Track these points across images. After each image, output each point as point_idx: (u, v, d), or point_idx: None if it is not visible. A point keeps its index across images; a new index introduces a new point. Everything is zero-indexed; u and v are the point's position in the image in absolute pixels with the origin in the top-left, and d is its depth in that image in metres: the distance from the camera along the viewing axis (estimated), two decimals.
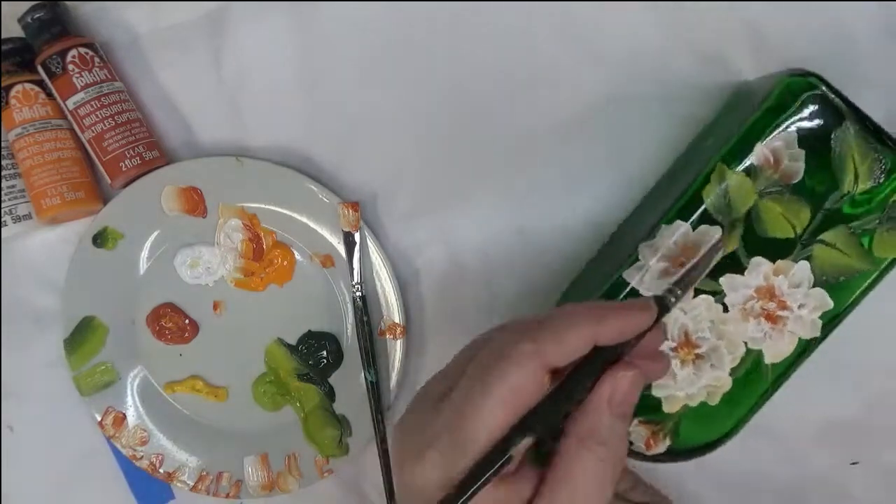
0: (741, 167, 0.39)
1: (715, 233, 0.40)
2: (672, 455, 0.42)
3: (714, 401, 0.42)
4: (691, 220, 0.40)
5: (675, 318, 0.40)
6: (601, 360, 0.29)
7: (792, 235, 0.40)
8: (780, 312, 0.41)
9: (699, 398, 0.42)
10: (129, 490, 0.54)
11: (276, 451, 0.51)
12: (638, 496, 0.45)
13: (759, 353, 0.41)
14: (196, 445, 0.52)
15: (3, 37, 0.49)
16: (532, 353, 0.28)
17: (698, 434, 0.42)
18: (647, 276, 0.40)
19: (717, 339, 0.41)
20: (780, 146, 0.39)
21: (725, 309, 0.41)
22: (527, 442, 0.27)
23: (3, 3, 0.50)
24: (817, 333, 0.41)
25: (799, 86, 0.39)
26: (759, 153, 0.39)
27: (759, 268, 0.40)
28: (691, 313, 0.40)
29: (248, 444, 0.52)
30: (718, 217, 0.40)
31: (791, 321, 0.41)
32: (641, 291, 0.40)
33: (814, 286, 0.41)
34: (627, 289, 0.40)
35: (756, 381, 0.41)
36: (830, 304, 0.41)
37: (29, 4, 0.48)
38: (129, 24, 0.51)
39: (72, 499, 0.54)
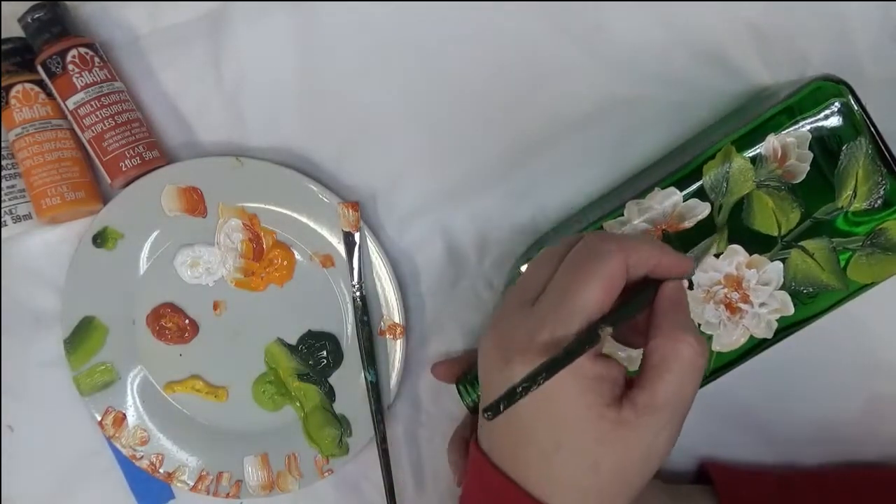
0: (749, 153, 0.39)
1: (704, 209, 0.40)
2: None
3: None
4: (686, 191, 0.40)
5: None
6: (651, 286, 0.34)
7: (775, 233, 0.40)
8: (741, 304, 0.41)
9: (637, 365, 0.42)
10: (129, 490, 0.54)
11: (276, 451, 0.51)
12: None
13: (710, 339, 0.41)
14: (196, 445, 0.52)
15: (3, 37, 0.49)
16: (619, 251, 0.32)
17: None
18: (626, 232, 0.40)
19: None
20: (791, 143, 0.39)
21: (690, 286, 0.41)
22: (608, 331, 0.30)
23: (3, 3, 0.50)
24: (769, 335, 0.41)
25: (827, 90, 0.39)
26: (769, 144, 0.39)
27: (735, 256, 0.41)
28: None
29: (248, 444, 0.52)
30: (711, 195, 0.40)
31: (748, 316, 0.41)
32: None
33: (781, 289, 0.41)
34: None
35: None
36: (791, 311, 0.41)
37: (29, 4, 0.48)
38: (129, 24, 0.51)
39: (72, 499, 0.54)
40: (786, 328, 0.41)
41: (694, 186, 0.40)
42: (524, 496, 0.32)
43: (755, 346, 0.42)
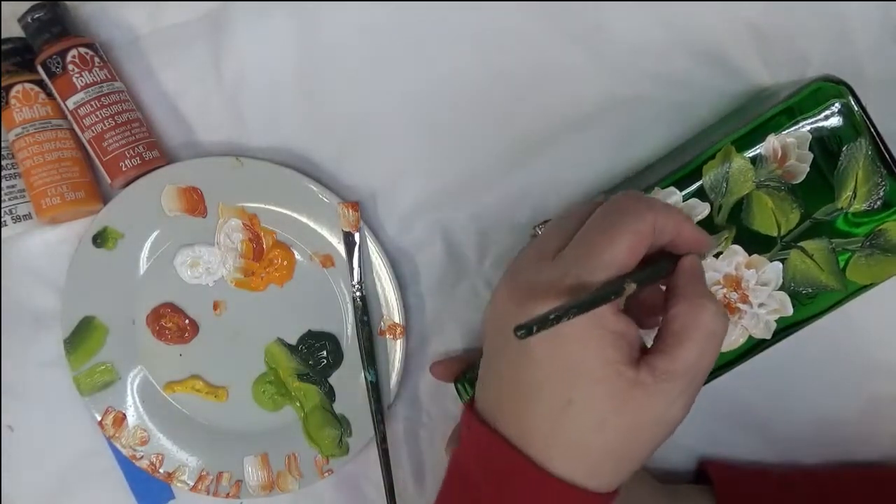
0: (749, 153, 0.39)
1: (703, 209, 0.40)
2: None
3: None
4: (685, 191, 0.40)
5: None
6: (669, 259, 0.34)
7: (775, 234, 0.40)
8: (740, 305, 0.41)
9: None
10: (129, 490, 0.54)
11: (276, 451, 0.51)
12: None
13: None
14: (196, 445, 0.52)
15: (3, 37, 0.49)
16: (648, 210, 0.32)
17: None
18: None
19: None
20: (791, 143, 0.39)
21: None
22: (633, 287, 0.30)
23: (3, 3, 0.50)
24: (768, 336, 0.41)
25: (828, 90, 0.39)
26: (769, 144, 0.39)
27: (735, 257, 0.41)
28: None
29: (248, 444, 0.52)
30: (711, 195, 0.40)
31: (747, 317, 0.41)
32: None
33: (780, 289, 0.41)
34: None
35: None
36: (790, 311, 0.41)
37: (29, 4, 0.48)
38: (129, 24, 0.51)
39: (72, 499, 0.54)
40: (785, 329, 0.41)
41: (694, 186, 0.40)
42: (525, 462, 0.31)
43: (754, 347, 0.42)
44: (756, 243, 0.40)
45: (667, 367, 0.30)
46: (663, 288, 0.35)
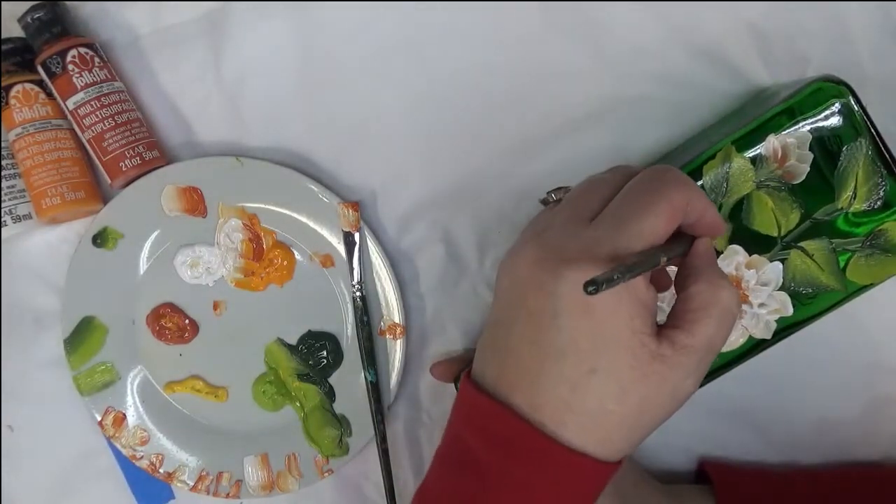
0: (749, 154, 0.39)
1: None
2: None
3: None
4: None
5: None
6: (684, 239, 0.34)
7: (775, 234, 0.40)
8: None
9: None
10: (129, 490, 0.54)
11: (276, 451, 0.51)
12: None
13: None
14: (196, 445, 0.52)
15: (3, 37, 0.49)
16: (686, 186, 0.32)
17: None
18: None
19: None
20: (791, 143, 0.39)
21: None
22: (665, 260, 0.30)
23: (3, 3, 0.50)
24: (768, 336, 0.41)
25: (828, 90, 0.39)
26: (769, 144, 0.39)
27: (735, 257, 0.41)
28: None
29: (248, 444, 0.52)
30: (712, 196, 0.40)
31: (748, 317, 0.41)
32: None
33: (780, 289, 0.41)
34: None
35: None
36: (791, 311, 0.41)
37: (29, 4, 0.48)
38: (129, 25, 0.51)
39: (72, 499, 0.54)
40: (785, 329, 0.41)
41: None
42: (532, 430, 0.31)
43: (754, 347, 0.42)
44: (756, 243, 0.40)
45: (686, 341, 0.31)
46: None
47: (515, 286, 0.33)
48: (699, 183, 0.40)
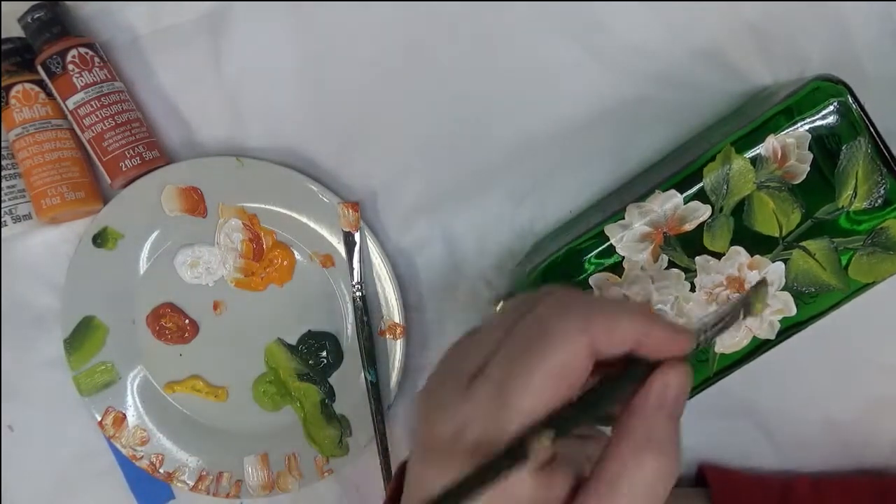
0: (749, 154, 0.39)
1: (705, 211, 0.40)
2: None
3: None
4: (686, 193, 0.40)
5: (643, 285, 0.40)
6: (637, 368, 0.27)
7: (777, 234, 0.40)
8: None
9: None
10: (129, 490, 0.54)
11: (276, 451, 0.51)
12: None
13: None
14: (196, 445, 0.52)
15: (3, 37, 0.49)
16: (582, 332, 0.25)
17: None
18: (627, 236, 0.40)
19: (677, 314, 0.41)
20: (791, 143, 0.39)
21: (693, 288, 0.41)
22: (548, 439, 0.24)
23: (3, 3, 0.50)
24: (772, 336, 0.41)
25: (826, 90, 0.39)
26: (768, 145, 0.39)
27: (737, 257, 0.41)
28: (659, 283, 0.40)
29: (248, 444, 0.52)
30: (712, 197, 0.40)
31: (751, 318, 0.41)
32: (618, 249, 0.40)
33: (783, 289, 0.41)
34: (606, 244, 0.40)
35: (701, 366, 0.42)
36: (794, 311, 0.41)
37: (29, 4, 0.48)
38: (129, 24, 0.51)
39: (72, 499, 0.54)
40: (788, 328, 0.41)
41: (694, 188, 0.40)
42: None
43: (758, 347, 0.42)
44: (758, 244, 0.40)
45: None
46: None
47: (416, 434, 0.30)
48: (699, 185, 0.40)
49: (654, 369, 0.27)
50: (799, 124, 0.39)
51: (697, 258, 0.40)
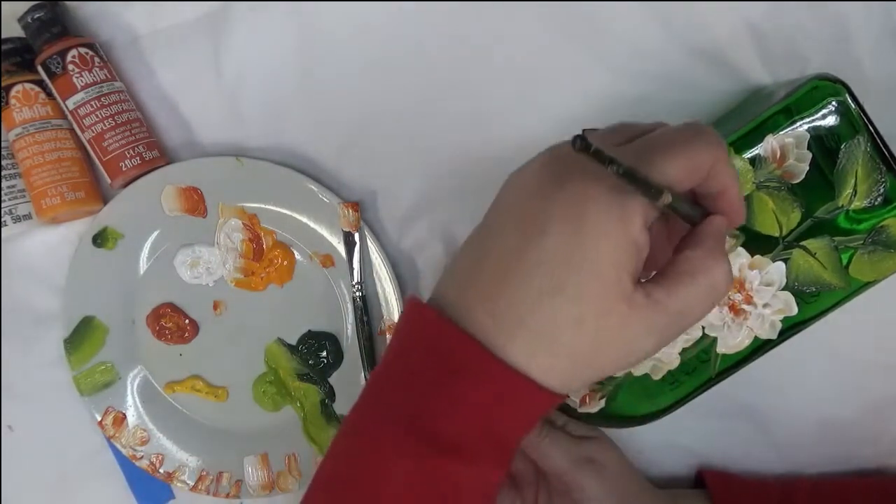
0: (748, 154, 0.39)
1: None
2: (603, 418, 0.43)
3: (657, 376, 0.42)
4: None
5: None
6: (698, 208, 0.32)
7: (777, 234, 0.40)
8: (744, 306, 0.41)
9: (644, 370, 0.42)
10: (129, 490, 0.54)
11: (276, 451, 0.51)
12: (575, 429, 0.45)
13: (713, 341, 0.42)
14: (196, 445, 0.52)
15: (3, 37, 0.49)
16: (718, 148, 0.31)
17: (634, 405, 0.43)
18: None
19: None
20: (789, 143, 0.39)
21: None
22: (667, 198, 0.28)
23: (3, 3, 0.50)
24: (774, 336, 0.41)
25: (825, 89, 0.39)
26: (767, 145, 0.39)
27: (737, 258, 0.41)
28: None
29: (248, 444, 0.52)
30: None
31: (752, 317, 0.41)
32: None
33: (784, 289, 0.41)
34: None
35: (703, 367, 0.42)
36: (795, 310, 0.41)
37: (29, 4, 0.48)
38: (129, 24, 0.51)
39: (72, 499, 0.54)
40: (790, 328, 0.41)
41: None
42: (474, 344, 0.30)
43: (760, 347, 0.42)
44: (758, 244, 0.40)
45: (661, 298, 0.30)
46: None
47: (515, 190, 0.33)
48: None
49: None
50: (798, 124, 0.39)
51: None
